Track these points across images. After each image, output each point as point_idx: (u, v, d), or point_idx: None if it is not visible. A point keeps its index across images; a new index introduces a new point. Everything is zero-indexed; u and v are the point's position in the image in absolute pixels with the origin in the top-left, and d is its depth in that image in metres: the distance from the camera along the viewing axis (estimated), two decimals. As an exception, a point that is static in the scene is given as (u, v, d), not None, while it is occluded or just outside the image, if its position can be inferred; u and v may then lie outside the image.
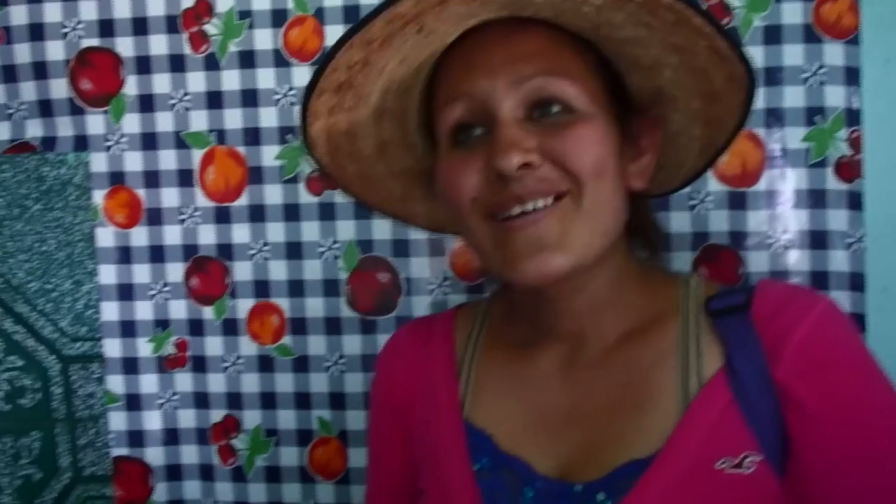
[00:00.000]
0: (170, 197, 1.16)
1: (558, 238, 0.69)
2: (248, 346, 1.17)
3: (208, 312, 1.17)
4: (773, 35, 1.04)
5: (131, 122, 1.15)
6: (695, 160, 0.85)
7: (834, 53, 1.03)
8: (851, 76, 1.03)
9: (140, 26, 1.14)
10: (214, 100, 1.14)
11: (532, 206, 0.69)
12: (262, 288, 1.16)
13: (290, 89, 1.12)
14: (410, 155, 0.85)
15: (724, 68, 0.71)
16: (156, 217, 1.17)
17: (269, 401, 1.17)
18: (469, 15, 0.70)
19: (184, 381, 1.19)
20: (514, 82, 0.70)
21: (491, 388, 0.82)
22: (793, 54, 1.04)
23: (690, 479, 0.69)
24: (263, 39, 1.12)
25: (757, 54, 1.04)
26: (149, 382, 1.19)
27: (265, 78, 1.13)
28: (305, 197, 1.14)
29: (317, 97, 0.73)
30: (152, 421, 1.19)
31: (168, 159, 1.15)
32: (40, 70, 1.15)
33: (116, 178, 1.16)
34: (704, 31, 0.67)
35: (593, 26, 0.70)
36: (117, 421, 1.19)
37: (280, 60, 1.12)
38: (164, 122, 1.15)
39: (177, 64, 1.14)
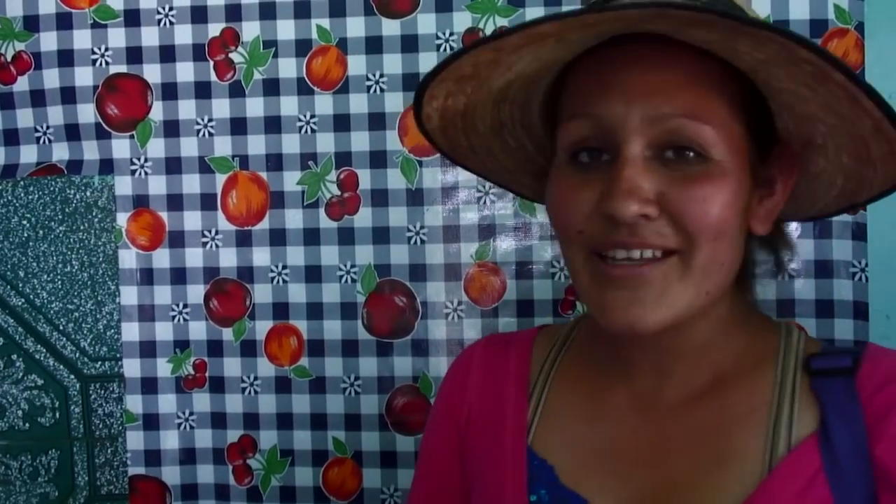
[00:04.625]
0: (192, 220, 1.19)
1: (657, 296, 0.65)
2: (265, 368, 1.19)
3: (227, 334, 1.19)
4: (780, 71, 1.07)
5: (156, 147, 1.18)
6: (830, 203, 0.78)
7: (839, 89, 1.07)
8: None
9: (168, 54, 1.17)
10: (238, 126, 1.17)
11: (639, 254, 0.65)
12: (280, 310, 1.18)
13: (313, 116, 1.15)
14: (528, 134, 0.79)
15: (886, 145, 0.64)
16: (178, 240, 1.19)
17: (285, 421, 1.19)
18: (617, 30, 0.64)
19: (202, 401, 1.20)
20: (651, 119, 0.63)
21: (560, 416, 0.78)
22: (800, 89, 1.07)
23: None
24: (287, 68, 1.15)
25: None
26: (167, 402, 1.20)
27: (288, 105, 1.16)
28: (325, 221, 1.17)
29: (437, 84, 0.68)
30: (170, 440, 1.21)
31: (192, 183, 1.18)
32: (68, 95, 1.18)
33: (140, 201, 1.19)
34: (874, 114, 0.61)
35: (751, 69, 0.64)
36: (135, 440, 1.20)
37: (303, 88, 1.15)
38: (188, 146, 1.18)
39: (203, 91, 1.17)
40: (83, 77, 1.18)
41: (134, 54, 1.17)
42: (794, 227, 1.08)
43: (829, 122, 0.65)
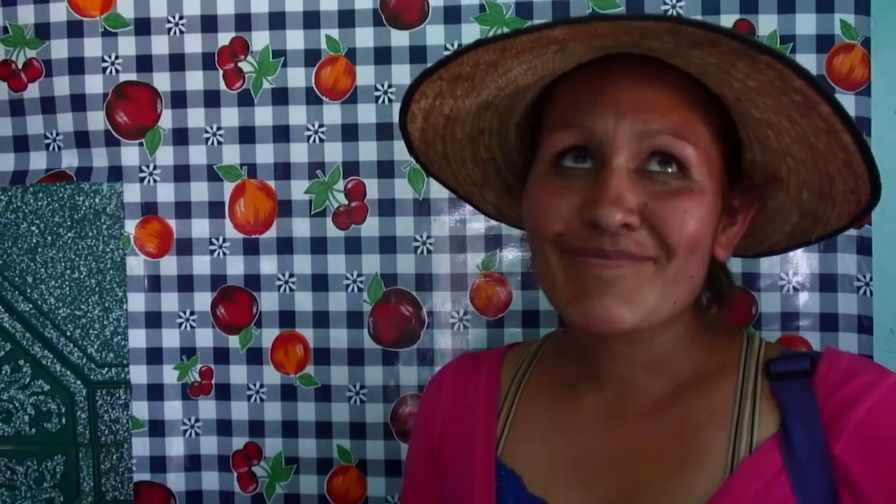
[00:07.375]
0: (200, 228, 1.19)
1: (629, 291, 0.66)
2: (271, 375, 1.19)
3: (234, 341, 1.20)
4: (787, 85, 1.08)
5: (165, 155, 1.19)
6: (781, 239, 0.82)
7: (845, 104, 1.05)
8: (862, 126, 1.06)
9: (177, 62, 1.17)
10: (247, 134, 1.17)
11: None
12: (287, 318, 1.19)
13: (321, 126, 1.16)
14: (500, 146, 0.82)
15: (851, 182, 0.68)
16: (186, 247, 1.19)
17: (290, 429, 1.19)
18: (617, 45, 0.65)
19: (207, 408, 1.21)
20: (640, 134, 0.66)
21: (529, 428, 0.80)
22: (806, 104, 1.07)
23: None
24: (296, 77, 1.16)
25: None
26: (173, 409, 1.21)
27: (297, 114, 1.16)
28: (332, 230, 1.17)
29: (432, 81, 0.70)
30: (175, 447, 1.21)
31: (200, 191, 1.19)
32: (78, 102, 1.18)
33: (149, 209, 1.19)
34: (849, 148, 0.64)
35: (735, 98, 0.66)
36: (140, 446, 1.21)
37: (312, 98, 1.16)
38: (197, 155, 1.18)
39: (212, 99, 1.17)
40: (93, 85, 1.18)
41: (144, 62, 1.18)
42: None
43: (799, 156, 0.68)
